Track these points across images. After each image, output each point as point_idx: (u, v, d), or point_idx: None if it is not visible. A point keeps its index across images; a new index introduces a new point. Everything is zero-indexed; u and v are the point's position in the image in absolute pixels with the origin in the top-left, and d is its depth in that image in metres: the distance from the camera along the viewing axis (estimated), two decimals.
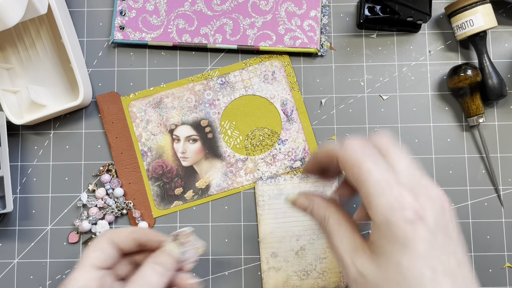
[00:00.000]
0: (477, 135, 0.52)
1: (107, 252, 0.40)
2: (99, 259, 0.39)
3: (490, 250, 0.51)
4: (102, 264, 0.39)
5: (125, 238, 0.41)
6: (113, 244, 0.40)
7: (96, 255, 0.39)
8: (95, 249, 0.40)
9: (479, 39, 0.51)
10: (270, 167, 0.52)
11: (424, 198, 0.31)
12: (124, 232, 0.41)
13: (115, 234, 0.41)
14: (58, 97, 0.53)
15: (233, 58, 0.54)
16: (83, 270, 0.39)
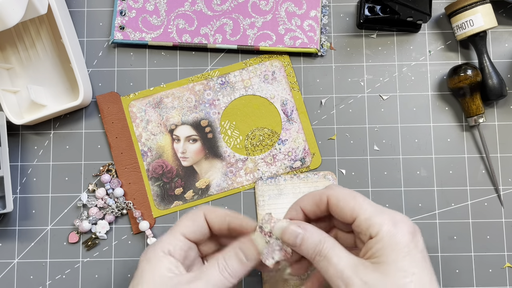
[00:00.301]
0: (477, 135, 0.52)
1: (200, 225, 0.41)
2: (190, 230, 0.40)
3: (490, 250, 0.51)
4: (192, 236, 0.40)
5: (220, 218, 0.41)
6: (207, 221, 0.41)
7: (188, 224, 0.40)
8: (189, 219, 0.40)
9: (479, 39, 0.51)
10: (270, 167, 0.52)
11: (408, 219, 0.37)
12: (219, 211, 0.42)
13: (211, 211, 0.41)
14: (58, 97, 0.53)
15: (233, 58, 0.54)
16: (173, 236, 0.40)
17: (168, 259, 0.38)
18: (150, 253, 0.39)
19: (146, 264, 0.38)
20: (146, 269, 0.38)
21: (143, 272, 0.38)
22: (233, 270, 0.38)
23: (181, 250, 0.39)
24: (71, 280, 0.51)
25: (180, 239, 0.40)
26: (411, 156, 0.52)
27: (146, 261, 0.39)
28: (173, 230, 0.40)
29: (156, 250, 0.39)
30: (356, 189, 0.51)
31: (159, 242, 0.39)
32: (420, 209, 0.51)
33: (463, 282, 0.51)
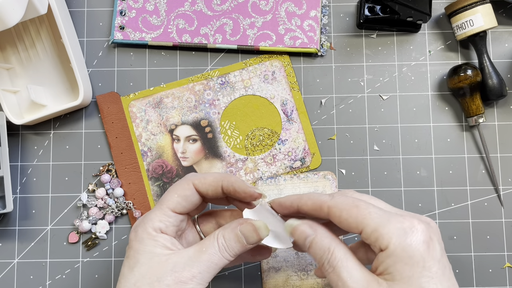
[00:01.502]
0: (477, 135, 0.52)
1: (190, 198, 0.39)
2: (180, 205, 0.39)
3: (490, 250, 0.51)
4: (182, 210, 0.39)
5: (209, 186, 0.40)
6: (196, 190, 0.40)
7: (178, 200, 0.39)
8: (178, 195, 0.39)
9: (479, 39, 0.51)
10: (270, 167, 0.52)
11: (423, 222, 0.33)
12: (209, 179, 0.40)
13: (199, 181, 0.40)
14: (58, 97, 0.53)
15: (233, 58, 0.54)
16: (163, 212, 0.38)
17: (161, 237, 0.37)
18: (142, 233, 0.37)
19: (138, 244, 0.37)
20: (140, 250, 0.37)
21: (136, 254, 0.37)
22: (232, 251, 0.38)
23: (173, 226, 0.38)
24: (71, 280, 0.51)
25: (170, 215, 0.38)
26: (411, 156, 0.52)
27: (138, 241, 0.37)
28: (162, 205, 0.39)
29: (147, 228, 0.37)
30: (356, 189, 0.51)
31: (149, 220, 0.38)
32: (420, 209, 0.51)
33: (463, 282, 0.51)
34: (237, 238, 0.38)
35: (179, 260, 0.36)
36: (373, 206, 0.34)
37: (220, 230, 0.38)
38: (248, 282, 0.51)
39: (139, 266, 0.36)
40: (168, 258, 0.36)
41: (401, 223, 0.32)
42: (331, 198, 0.36)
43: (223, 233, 0.38)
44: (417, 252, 0.31)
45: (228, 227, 0.38)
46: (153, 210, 0.39)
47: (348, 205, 0.35)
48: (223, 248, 0.37)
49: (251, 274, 0.51)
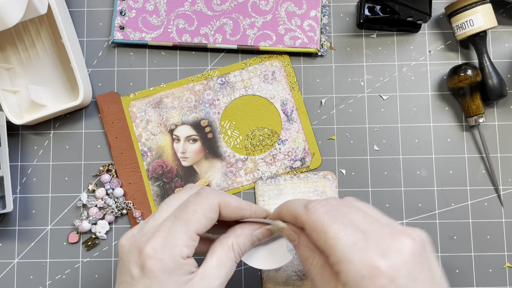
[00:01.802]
0: (477, 135, 0.52)
1: (213, 220, 0.36)
2: (204, 228, 0.35)
3: (490, 250, 0.51)
4: (204, 231, 0.36)
5: (232, 213, 0.37)
6: (218, 212, 0.37)
7: (205, 223, 0.35)
8: (206, 216, 0.35)
9: (479, 39, 0.51)
10: (270, 167, 0.52)
11: (393, 253, 0.30)
12: (234, 204, 0.37)
13: (226, 206, 0.37)
14: (58, 97, 0.53)
15: (233, 58, 0.54)
16: (188, 236, 0.34)
17: (188, 264, 0.34)
18: (169, 261, 0.33)
19: (166, 276, 0.33)
20: (166, 281, 0.33)
21: (163, 287, 0.33)
22: (244, 253, 0.38)
23: (194, 248, 0.35)
24: (71, 280, 0.51)
25: (196, 238, 0.35)
26: (411, 156, 0.52)
27: (166, 272, 0.33)
28: (189, 227, 0.34)
29: (175, 257, 0.33)
30: (356, 189, 0.51)
31: (175, 246, 0.33)
32: (420, 209, 0.51)
33: (463, 282, 0.51)
34: (251, 243, 0.38)
35: (203, 282, 0.34)
36: (347, 229, 0.31)
37: (233, 237, 0.37)
38: (248, 282, 0.51)
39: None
40: (194, 282, 0.34)
41: (363, 264, 0.29)
42: (305, 212, 0.34)
43: (238, 242, 0.37)
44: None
45: (242, 234, 0.38)
46: (176, 232, 0.34)
47: (318, 228, 0.32)
48: (239, 256, 0.37)
49: (251, 274, 0.51)
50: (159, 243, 0.33)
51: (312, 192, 0.51)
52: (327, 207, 0.33)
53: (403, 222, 0.51)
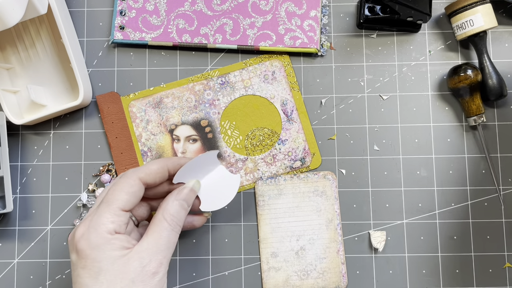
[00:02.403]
0: (477, 135, 0.52)
1: (137, 194, 0.39)
2: (128, 203, 0.38)
3: (490, 250, 0.51)
4: (130, 207, 0.39)
5: (156, 175, 0.41)
6: (142, 184, 0.40)
7: (126, 198, 0.38)
8: (125, 192, 0.38)
9: (479, 39, 0.51)
10: (270, 167, 0.52)
11: None
12: (153, 168, 0.41)
13: (144, 173, 0.40)
14: (58, 97, 0.53)
15: (233, 58, 0.54)
16: (113, 212, 0.37)
17: (117, 238, 0.37)
18: (96, 238, 0.36)
19: (96, 252, 0.35)
20: (99, 257, 0.35)
21: (96, 263, 0.35)
22: (180, 221, 0.40)
23: (124, 224, 0.38)
24: (71, 280, 0.51)
25: (121, 214, 0.38)
26: (411, 156, 0.52)
27: (94, 248, 0.36)
28: (110, 205, 0.37)
29: (100, 233, 0.36)
30: (356, 189, 0.51)
31: (100, 224, 0.36)
32: (420, 209, 0.51)
33: (463, 282, 0.51)
34: (181, 206, 0.40)
35: (142, 255, 0.36)
36: None
37: (162, 210, 0.39)
38: (248, 282, 0.51)
39: (104, 273, 0.35)
40: (130, 257, 0.36)
41: None
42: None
43: (168, 210, 0.39)
44: None
45: (168, 202, 0.40)
46: (100, 213, 0.37)
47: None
48: (174, 223, 0.39)
49: (251, 274, 0.51)
50: (86, 226, 0.37)
51: (312, 192, 0.51)
52: None
53: (403, 222, 0.51)
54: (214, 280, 0.51)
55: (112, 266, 0.35)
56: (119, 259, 0.36)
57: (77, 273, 0.36)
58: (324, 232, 0.51)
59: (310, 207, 0.51)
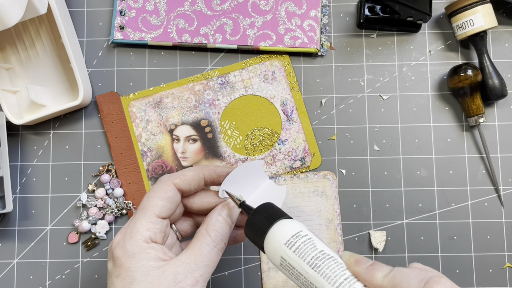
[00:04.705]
0: (477, 135, 0.52)
1: (173, 199, 0.37)
2: (164, 208, 0.37)
3: (490, 250, 0.51)
4: (166, 213, 0.37)
5: (191, 182, 0.39)
6: (178, 190, 0.38)
7: (161, 204, 0.37)
8: (160, 198, 0.37)
9: (479, 39, 0.51)
10: (270, 167, 0.52)
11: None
12: (189, 175, 0.39)
13: (179, 179, 0.38)
14: (58, 97, 0.53)
15: (233, 58, 0.54)
16: (148, 220, 0.36)
17: (153, 247, 0.35)
18: (131, 247, 0.35)
19: (130, 260, 0.34)
20: (133, 267, 0.34)
21: (130, 272, 0.34)
22: (225, 238, 0.37)
23: (161, 233, 0.36)
24: (71, 280, 0.51)
25: (157, 221, 0.36)
26: (411, 156, 0.52)
27: (129, 257, 0.34)
28: (146, 212, 0.36)
29: (136, 241, 0.35)
30: (356, 189, 0.51)
31: (136, 232, 0.35)
32: (420, 209, 0.51)
33: (463, 282, 0.51)
34: (225, 222, 0.38)
35: (178, 269, 0.34)
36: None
37: (206, 224, 0.37)
38: (248, 282, 0.51)
39: (137, 284, 0.34)
40: (165, 269, 0.34)
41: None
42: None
43: (212, 224, 0.37)
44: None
45: (212, 217, 0.38)
46: (136, 219, 0.36)
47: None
48: (218, 239, 0.37)
49: (251, 274, 0.51)
50: (122, 233, 0.36)
51: (312, 192, 0.51)
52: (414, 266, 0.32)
53: (403, 222, 0.51)
54: (214, 280, 0.51)
55: (146, 277, 0.34)
56: (153, 271, 0.34)
57: (111, 281, 0.35)
58: (324, 232, 0.51)
59: (310, 207, 0.51)
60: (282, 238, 0.33)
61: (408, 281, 0.29)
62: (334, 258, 0.32)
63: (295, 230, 0.33)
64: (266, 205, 0.37)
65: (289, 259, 0.32)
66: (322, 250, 0.32)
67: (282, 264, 0.33)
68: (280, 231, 0.34)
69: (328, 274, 0.31)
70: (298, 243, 0.33)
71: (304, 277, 0.32)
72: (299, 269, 0.32)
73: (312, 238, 0.33)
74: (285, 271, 0.33)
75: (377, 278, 0.30)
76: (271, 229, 0.34)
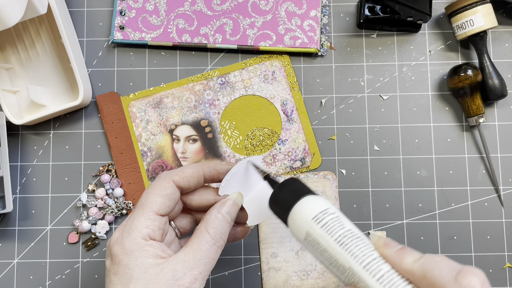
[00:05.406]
0: (477, 135, 0.52)
1: (171, 196, 0.37)
2: (162, 206, 0.36)
3: (490, 250, 0.51)
4: (165, 210, 0.37)
5: (191, 179, 0.38)
6: (177, 188, 0.38)
7: (160, 201, 0.36)
8: (159, 195, 0.37)
9: (479, 39, 0.51)
10: (270, 167, 0.52)
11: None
12: (188, 172, 0.38)
13: (178, 176, 0.38)
14: (58, 97, 0.53)
15: (233, 58, 0.54)
16: (147, 217, 0.36)
17: (151, 245, 0.35)
18: (129, 244, 0.34)
19: (128, 258, 0.34)
20: (131, 264, 0.34)
21: (128, 269, 0.34)
22: (224, 235, 0.37)
23: (159, 230, 0.36)
24: (71, 280, 0.51)
25: (156, 218, 0.36)
26: (411, 156, 0.52)
27: (127, 254, 0.34)
28: (144, 209, 0.36)
29: (134, 238, 0.35)
30: (356, 189, 0.51)
31: (134, 229, 0.35)
32: (420, 209, 0.51)
33: None
34: (224, 219, 0.37)
35: (176, 267, 0.34)
36: None
37: (205, 222, 0.37)
38: (248, 282, 0.51)
39: (135, 282, 0.33)
40: (164, 267, 0.34)
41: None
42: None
43: (211, 222, 0.37)
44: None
45: (211, 214, 0.37)
46: (134, 216, 0.36)
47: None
48: (218, 236, 0.36)
49: (251, 274, 0.51)
50: (121, 230, 0.36)
51: None
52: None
53: (403, 222, 0.51)
54: (214, 280, 0.51)
55: (144, 275, 0.34)
56: (151, 268, 0.34)
57: (109, 279, 0.35)
58: None
59: None
60: (310, 213, 0.33)
61: (440, 269, 0.28)
62: (361, 239, 0.31)
63: (324, 207, 0.33)
64: (292, 179, 0.36)
65: (316, 234, 0.32)
66: (350, 229, 0.32)
67: (307, 239, 0.33)
68: (308, 206, 0.33)
69: (356, 252, 0.30)
70: (326, 219, 0.32)
71: (329, 254, 0.31)
72: (326, 245, 0.31)
73: (340, 217, 0.32)
74: (309, 246, 0.33)
75: (406, 262, 0.30)
76: (298, 203, 0.34)
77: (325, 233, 0.32)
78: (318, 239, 0.32)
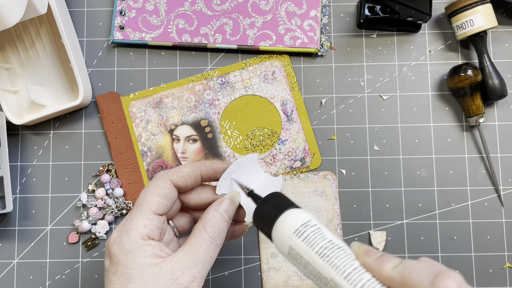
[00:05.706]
0: (477, 135, 0.52)
1: (169, 196, 0.37)
2: (160, 205, 0.37)
3: (490, 250, 0.51)
4: (163, 210, 0.37)
5: (188, 178, 0.39)
6: (174, 187, 0.38)
7: (158, 200, 0.37)
8: (157, 194, 0.37)
9: (479, 39, 0.51)
10: (270, 167, 0.52)
11: None
12: (185, 171, 0.39)
13: (176, 176, 0.38)
14: (58, 97, 0.53)
15: (233, 58, 0.54)
16: (145, 216, 0.36)
17: (150, 244, 0.35)
18: (128, 244, 0.35)
19: (127, 258, 0.34)
20: (130, 264, 0.34)
21: (126, 269, 0.34)
22: (222, 234, 0.37)
23: (157, 229, 0.36)
24: (71, 280, 0.51)
25: (154, 218, 0.36)
26: (411, 156, 0.52)
27: (126, 254, 0.34)
28: (142, 209, 0.36)
29: (133, 238, 0.35)
30: (356, 189, 0.51)
31: (132, 229, 0.35)
32: (420, 209, 0.51)
33: None
34: (222, 218, 0.37)
35: (175, 266, 0.34)
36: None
37: (202, 221, 0.37)
38: (248, 282, 0.51)
39: (134, 281, 0.34)
40: (162, 266, 0.34)
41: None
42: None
43: (209, 221, 0.37)
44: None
45: (209, 213, 0.38)
46: (133, 216, 0.36)
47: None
48: (216, 235, 0.37)
49: (251, 274, 0.51)
50: (119, 230, 0.36)
51: (312, 192, 0.51)
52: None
53: (403, 222, 0.51)
54: (214, 280, 0.51)
55: (143, 274, 0.34)
56: (150, 268, 0.34)
57: (108, 278, 0.35)
58: None
59: (310, 207, 0.51)
60: (291, 227, 0.33)
61: (418, 274, 0.29)
62: (343, 248, 0.32)
63: (305, 220, 0.33)
64: (275, 194, 0.36)
65: (298, 248, 0.32)
66: (331, 240, 0.32)
67: (290, 253, 0.33)
68: (289, 220, 0.34)
69: (337, 263, 0.31)
70: (307, 232, 0.32)
71: (312, 266, 0.32)
72: (308, 258, 0.32)
73: (321, 228, 0.33)
74: (293, 260, 0.33)
75: (386, 270, 0.30)
76: (280, 217, 0.34)
77: (306, 246, 0.32)
78: (300, 252, 0.32)
